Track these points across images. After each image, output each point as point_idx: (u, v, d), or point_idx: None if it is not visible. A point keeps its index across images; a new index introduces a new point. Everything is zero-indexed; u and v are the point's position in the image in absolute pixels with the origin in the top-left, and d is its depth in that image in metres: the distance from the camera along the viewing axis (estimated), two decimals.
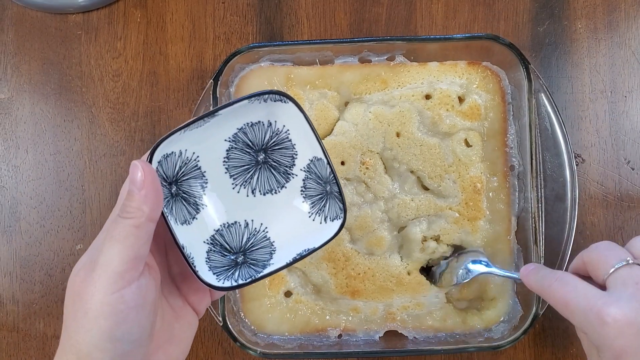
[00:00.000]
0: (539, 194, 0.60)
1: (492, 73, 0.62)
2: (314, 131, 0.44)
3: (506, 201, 0.62)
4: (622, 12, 0.66)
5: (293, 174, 0.46)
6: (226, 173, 0.45)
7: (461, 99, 0.62)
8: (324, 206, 0.46)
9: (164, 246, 0.44)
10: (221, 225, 0.45)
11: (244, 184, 0.46)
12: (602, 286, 0.43)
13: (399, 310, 0.61)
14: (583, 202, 0.65)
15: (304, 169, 0.46)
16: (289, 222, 0.46)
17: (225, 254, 0.45)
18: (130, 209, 0.37)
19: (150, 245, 0.39)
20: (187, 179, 0.44)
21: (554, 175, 0.61)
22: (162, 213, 0.40)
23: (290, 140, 0.45)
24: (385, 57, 0.63)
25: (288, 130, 0.45)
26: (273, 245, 0.46)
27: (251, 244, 0.46)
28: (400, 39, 0.61)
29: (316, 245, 0.44)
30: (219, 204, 0.45)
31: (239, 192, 0.46)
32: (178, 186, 0.43)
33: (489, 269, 0.59)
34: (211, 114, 0.41)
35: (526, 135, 0.59)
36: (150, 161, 0.40)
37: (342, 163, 0.61)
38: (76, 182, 0.67)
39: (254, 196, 0.46)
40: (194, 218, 0.44)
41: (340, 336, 0.62)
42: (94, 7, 0.67)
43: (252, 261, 0.45)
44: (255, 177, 0.46)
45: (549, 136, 0.61)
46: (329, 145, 0.61)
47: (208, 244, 0.45)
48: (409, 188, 0.62)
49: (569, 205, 0.60)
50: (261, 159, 0.45)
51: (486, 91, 0.62)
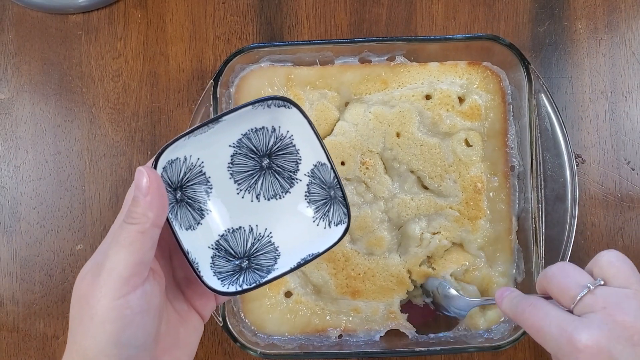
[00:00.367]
0: (539, 194, 0.60)
1: (493, 73, 0.62)
2: (317, 136, 0.44)
3: (506, 201, 0.62)
4: (622, 12, 0.66)
5: (297, 179, 0.46)
6: (230, 178, 0.45)
7: (461, 99, 0.62)
8: (328, 211, 0.46)
9: (169, 251, 0.44)
10: (226, 231, 0.45)
11: (249, 189, 0.46)
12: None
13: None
14: (583, 203, 0.65)
15: (307, 174, 0.46)
16: (293, 227, 0.46)
17: (230, 259, 0.45)
18: (135, 215, 0.37)
19: (155, 250, 0.39)
20: (192, 185, 0.44)
21: (554, 176, 0.61)
22: (167, 219, 0.40)
23: (294, 146, 0.45)
24: (386, 58, 0.63)
25: (292, 135, 0.45)
26: (277, 250, 0.46)
27: (255, 249, 0.46)
28: (401, 39, 0.61)
29: (320, 250, 0.44)
30: (223, 209, 0.45)
31: (243, 198, 0.46)
32: (183, 192, 0.43)
33: (470, 301, 0.59)
34: (215, 120, 0.42)
35: (526, 135, 0.59)
36: (155, 167, 0.40)
37: (342, 163, 0.61)
38: (76, 183, 0.67)
39: (259, 201, 0.46)
40: (198, 223, 0.44)
41: (340, 336, 0.62)
42: (94, 7, 0.67)
43: (256, 266, 0.45)
44: (260, 183, 0.46)
45: (549, 136, 0.61)
46: (329, 146, 0.61)
47: (213, 249, 0.45)
48: (409, 188, 0.62)
49: (569, 205, 0.60)
50: (265, 164, 0.46)
51: (486, 91, 0.62)
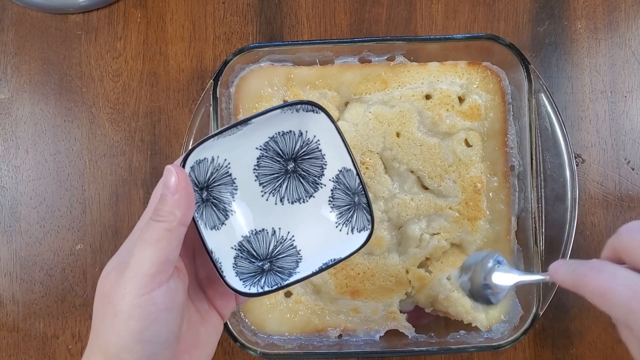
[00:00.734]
0: (539, 194, 0.60)
1: (492, 73, 0.62)
2: (344, 142, 0.44)
3: (506, 201, 0.62)
4: (622, 12, 0.66)
5: (322, 183, 0.46)
6: (256, 180, 0.46)
7: (461, 99, 0.62)
8: (352, 217, 0.46)
9: (192, 250, 0.44)
10: (249, 232, 0.46)
11: (273, 192, 0.46)
12: None
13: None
14: (583, 202, 0.65)
15: (332, 180, 0.46)
16: (315, 231, 0.46)
17: (252, 260, 0.45)
18: (162, 213, 0.38)
19: (180, 248, 0.39)
20: (218, 185, 0.44)
21: (554, 176, 0.61)
22: (192, 218, 0.41)
23: (320, 151, 0.46)
24: (386, 57, 0.63)
25: (318, 140, 0.45)
26: (299, 254, 0.46)
27: (278, 251, 0.46)
28: (401, 39, 0.61)
29: (342, 256, 0.44)
30: (247, 211, 0.46)
31: (267, 200, 0.46)
32: (209, 192, 0.44)
33: (517, 277, 0.49)
34: (244, 122, 0.42)
35: (526, 135, 0.59)
36: (184, 166, 0.41)
37: None
38: (76, 182, 0.67)
39: (282, 204, 0.46)
40: (222, 224, 0.44)
41: (340, 336, 0.62)
42: (94, 7, 0.67)
43: (278, 269, 0.45)
44: (284, 186, 0.46)
45: (549, 136, 0.61)
46: None
47: (236, 249, 0.45)
48: (409, 188, 0.62)
49: (569, 205, 0.60)
50: (291, 168, 0.46)
51: (486, 91, 0.62)
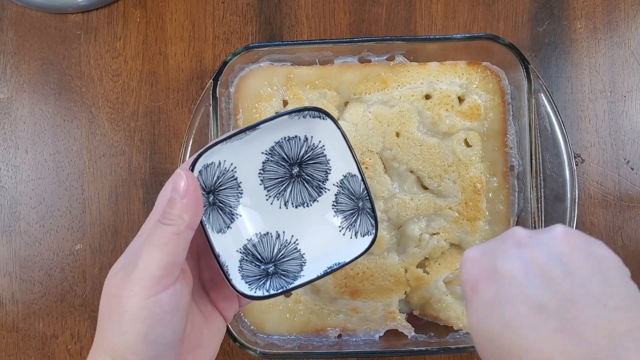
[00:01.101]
0: (539, 194, 0.60)
1: (492, 73, 0.62)
2: (350, 148, 0.45)
3: (506, 201, 0.62)
4: (622, 12, 0.66)
5: (325, 188, 0.47)
6: (261, 185, 0.46)
7: (461, 99, 0.62)
8: (355, 221, 0.47)
9: (197, 252, 0.44)
10: (254, 236, 0.46)
11: (278, 196, 0.46)
12: None
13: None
14: (583, 202, 0.65)
15: (336, 184, 0.47)
16: (319, 235, 0.47)
17: (257, 263, 0.46)
18: (171, 217, 0.38)
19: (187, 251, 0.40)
20: (224, 189, 0.45)
21: (554, 175, 0.61)
22: (200, 221, 0.41)
23: (325, 156, 0.46)
24: (385, 57, 0.63)
25: (324, 145, 0.46)
26: (303, 258, 0.46)
27: (282, 255, 0.46)
28: (400, 39, 0.61)
29: (346, 260, 0.45)
30: (252, 214, 0.46)
31: (272, 204, 0.46)
32: (215, 195, 0.44)
33: None
34: (252, 127, 0.42)
35: (526, 135, 0.59)
36: (192, 170, 0.41)
37: None
38: (76, 182, 0.67)
39: (287, 208, 0.47)
40: (228, 227, 0.45)
41: (339, 336, 0.62)
42: (93, 7, 0.67)
43: (282, 272, 0.45)
44: (289, 190, 0.47)
45: (548, 136, 0.61)
46: None
47: (241, 253, 0.45)
48: (409, 188, 0.62)
49: (568, 205, 0.60)
50: (295, 172, 0.46)
51: (486, 91, 0.62)
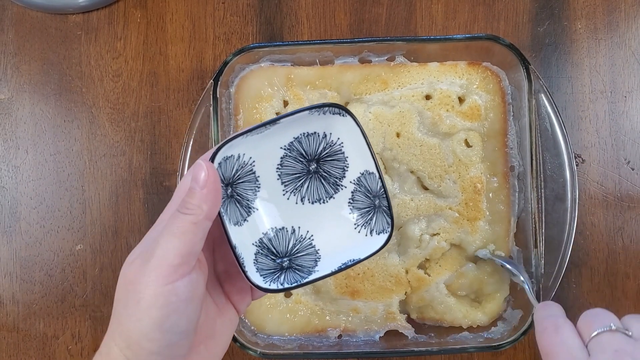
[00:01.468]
0: (539, 194, 0.60)
1: (492, 73, 0.62)
2: (369, 146, 0.45)
3: (506, 202, 0.62)
4: (622, 12, 0.66)
5: (342, 185, 0.47)
6: (278, 179, 0.46)
7: (461, 100, 0.62)
8: (371, 219, 0.47)
9: (212, 244, 0.45)
10: (269, 230, 0.46)
11: (294, 191, 0.47)
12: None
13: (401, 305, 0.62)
14: (583, 203, 0.65)
15: (353, 182, 0.47)
16: (334, 231, 0.47)
17: (272, 257, 0.46)
18: (190, 206, 0.38)
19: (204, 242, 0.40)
20: (242, 182, 0.45)
21: (554, 176, 0.61)
22: (218, 213, 0.41)
23: (343, 153, 0.46)
24: (386, 58, 0.63)
25: (342, 142, 0.46)
26: (318, 253, 0.47)
27: (296, 250, 0.47)
28: (400, 39, 0.61)
29: (362, 257, 0.45)
30: (269, 208, 0.46)
31: (288, 199, 0.47)
32: (233, 188, 0.44)
33: (520, 276, 0.58)
34: (273, 121, 0.43)
35: (526, 135, 0.59)
36: (212, 161, 0.41)
37: None
38: (76, 183, 0.67)
39: (303, 204, 0.47)
40: (245, 220, 0.45)
41: (340, 336, 0.62)
42: (94, 7, 0.67)
43: (297, 267, 0.46)
44: (306, 186, 0.47)
45: (549, 136, 0.61)
46: None
47: (256, 246, 0.46)
48: (409, 188, 0.62)
49: (569, 205, 0.60)
50: (313, 168, 0.47)
51: (486, 92, 0.62)
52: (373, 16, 0.67)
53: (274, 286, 0.44)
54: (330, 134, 0.46)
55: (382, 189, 0.46)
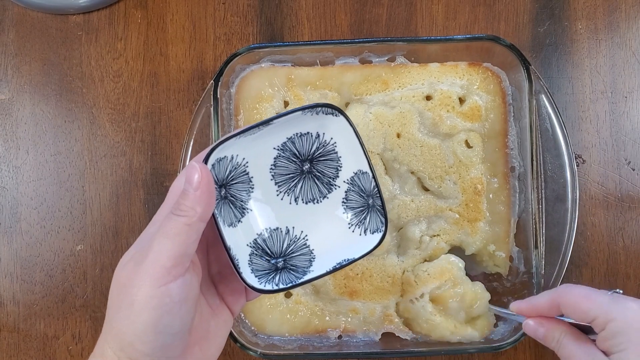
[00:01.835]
0: (540, 195, 0.60)
1: (493, 74, 0.62)
2: (362, 146, 0.45)
3: (506, 202, 0.62)
4: (623, 12, 0.66)
5: (336, 185, 0.47)
6: (272, 180, 0.46)
7: (462, 100, 0.62)
8: (365, 218, 0.47)
9: (206, 246, 0.45)
10: (264, 230, 0.46)
11: (288, 191, 0.47)
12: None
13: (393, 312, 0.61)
14: (584, 203, 0.65)
15: (347, 181, 0.47)
16: (328, 231, 0.47)
17: (267, 258, 0.46)
18: (183, 208, 0.38)
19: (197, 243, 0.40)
20: (236, 183, 0.45)
21: (555, 176, 0.61)
22: (212, 214, 0.41)
23: (336, 153, 0.46)
24: (386, 58, 0.63)
25: (335, 142, 0.46)
26: (312, 253, 0.47)
27: (291, 250, 0.47)
28: (401, 40, 0.61)
29: (356, 256, 0.45)
30: (262, 209, 0.46)
31: (282, 199, 0.47)
32: (227, 189, 0.44)
33: (496, 309, 0.59)
34: (266, 122, 0.43)
35: (527, 136, 0.59)
36: (206, 163, 0.41)
37: None
38: (77, 183, 0.67)
39: (297, 204, 0.47)
40: (239, 221, 0.45)
41: (340, 337, 0.62)
42: (94, 7, 0.67)
43: (291, 267, 0.46)
44: (299, 186, 0.47)
45: (549, 137, 0.61)
46: None
47: (251, 247, 0.46)
48: (409, 189, 0.62)
49: (569, 206, 0.60)
50: (306, 168, 0.47)
51: (487, 92, 0.62)
52: (373, 17, 0.67)
53: (269, 287, 0.44)
54: (324, 134, 0.46)
55: (376, 189, 0.46)
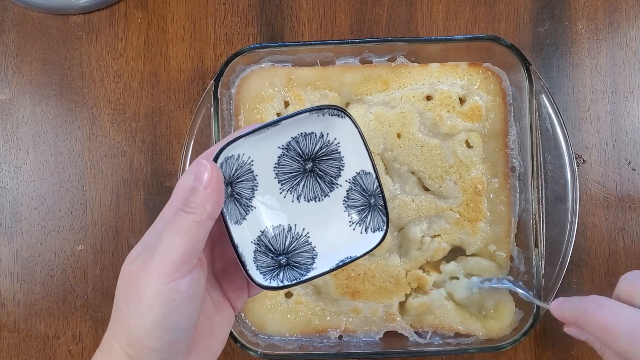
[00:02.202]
0: (540, 195, 0.60)
1: (493, 74, 0.62)
2: (366, 147, 0.46)
3: (507, 202, 0.62)
4: (623, 12, 0.66)
5: (337, 184, 0.48)
6: (275, 178, 0.47)
7: (462, 100, 0.62)
8: (366, 217, 0.47)
9: (211, 242, 0.45)
10: (267, 227, 0.47)
11: (291, 189, 0.47)
12: None
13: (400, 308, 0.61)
14: (584, 203, 0.65)
15: (349, 181, 0.48)
16: (330, 229, 0.48)
17: (270, 255, 0.47)
18: (193, 205, 0.39)
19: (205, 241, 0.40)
20: (241, 181, 0.46)
21: (555, 176, 0.61)
22: (221, 212, 0.42)
23: (339, 153, 0.47)
24: (386, 58, 0.63)
25: (339, 143, 0.47)
26: (314, 250, 0.47)
27: (293, 247, 0.47)
28: (401, 40, 0.61)
29: (358, 254, 0.46)
30: (266, 207, 0.47)
31: (285, 197, 0.47)
32: (233, 187, 0.45)
33: (516, 288, 0.58)
34: (274, 123, 0.43)
35: (527, 136, 0.59)
36: (216, 161, 0.42)
37: None
38: (77, 183, 0.67)
39: (299, 202, 0.48)
40: (244, 219, 0.46)
41: (340, 337, 0.62)
42: (95, 8, 0.67)
43: (295, 264, 0.47)
44: (302, 184, 0.48)
45: (549, 137, 0.61)
46: None
47: (255, 244, 0.46)
48: (410, 189, 0.62)
49: (569, 206, 0.60)
50: (309, 167, 0.47)
51: (487, 92, 0.62)
52: (374, 17, 0.67)
53: (274, 283, 0.44)
54: (328, 134, 0.46)
55: (379, 189, 0.47)
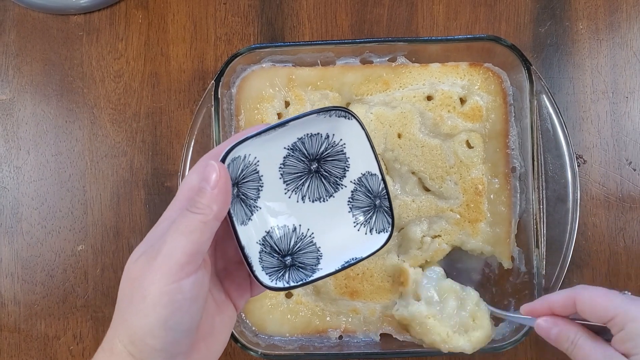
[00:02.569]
0: (541, 195, 0.60)
1: (494, 74, 0.62)
2: (372, 149, 0.46)
3: (507, 203, 0.62)
4: (624, 13, 0.66)
5: (342, 184, 0.48)
6: (280, 179, 0.47)
7: (463, 100, 0.62)
8: (371, 218, 0.48)
9: (214, 242, 0.45)
10: (272, 228, 0.47)
11: (296, 190, 0.47)
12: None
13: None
14: (584, 203, 0.65)
15: (354, 182, 0.48)
16: (334, 230, 0.48)
17: (275, 255, 0.47)
18: (200, 205, 0.39)
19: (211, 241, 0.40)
20: (247, 182, 0.45)
21: (556, 177, 0.61)
22: (228, 213, 0.42)
23: (344, 153, 0.47)
24: (387, 58, 0.63)
25: (344, 144, 0.47)
26: (319, 251, 0.47)
27: (298, 247, 0.47)
28: (402, 40, 0.61)
29: (364, 255, 0.46)
30: (271, 207, 0.47)
31: (290, 198, 0.47)
32: (239, 188, 0.45)
33: (501, 312, 0.57)
34: (282, 124, 0.43)
35: (528, 136, 0.59)
36: (223, 162, 0.42)
37: None
38: (77, 183, 0.67)
39: (304, 202, 0.48)
40: (249, 219, 0.46)
41: (340, 337, 0.62)
42: (95, 8, 0.67)
43: (300, 264, 0.47)
44: (307, 185, 0.48)
45: (550, 137, 0.61)
46: None
47: (260, 244, 0.46)
48: (410, 189, 0.62)
49: (570, 206, 0.60)
50: (314, 168, 0.47)
51: (488, 92, 0.62)
52: (374, 17, 0.67)
53: (280, 284, 0.44)
54: (333, 135, 0.46)
55: (384, 190, 0.47)
